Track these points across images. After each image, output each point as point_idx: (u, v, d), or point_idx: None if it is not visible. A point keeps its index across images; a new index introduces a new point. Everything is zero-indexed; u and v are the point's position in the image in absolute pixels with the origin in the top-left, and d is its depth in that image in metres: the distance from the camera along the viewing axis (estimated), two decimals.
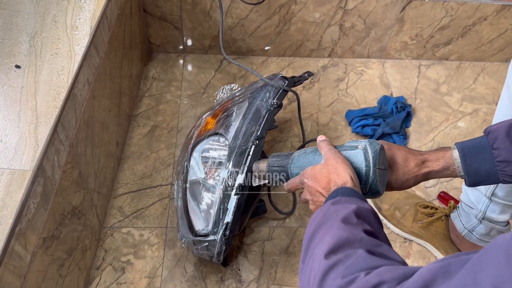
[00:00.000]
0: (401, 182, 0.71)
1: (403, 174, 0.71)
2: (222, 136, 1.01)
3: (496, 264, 0.32)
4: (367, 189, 0.65)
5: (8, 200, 0.63)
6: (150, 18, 1.46)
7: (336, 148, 0.69)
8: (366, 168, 0.64)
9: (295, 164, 0.74)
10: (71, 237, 0.88)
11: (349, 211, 0.54)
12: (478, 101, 1.54)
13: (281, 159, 0.79)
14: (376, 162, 0.65)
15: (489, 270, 0.32)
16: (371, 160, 0.64)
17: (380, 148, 0.66)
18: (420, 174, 0.71)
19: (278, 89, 1.02)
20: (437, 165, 0.70)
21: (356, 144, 0.68)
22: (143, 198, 1.18)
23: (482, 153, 0.66)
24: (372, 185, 0.64)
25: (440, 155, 0.71)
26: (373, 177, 0.64)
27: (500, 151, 0.64)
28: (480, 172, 0.67)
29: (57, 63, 0.84)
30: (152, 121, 1.36)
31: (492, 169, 0.66)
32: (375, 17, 1.50)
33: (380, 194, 0.66)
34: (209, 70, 1.54)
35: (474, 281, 0.32)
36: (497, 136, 0.65)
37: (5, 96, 0.77)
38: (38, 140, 0.71)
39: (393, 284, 0.41)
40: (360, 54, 1.63)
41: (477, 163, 0.67)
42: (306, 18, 1.49)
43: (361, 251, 0.47)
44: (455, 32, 1.57)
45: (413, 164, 0.71)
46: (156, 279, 1.03)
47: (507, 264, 0.31)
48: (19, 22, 0.90)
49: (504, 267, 0.31)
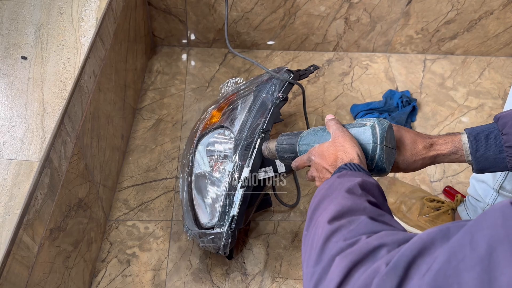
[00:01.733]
0: (408, 163, 0.71)
1: (410, 156, 0.71)
2: (227, 129, 1.01)
3: (493, 225, 0.33)
4: (373, 165, 0.65)
5: (16, 190, 0.63)
6: (154, 11, 1.46)
7: (344, 126, 0.69)
8: (373, 144, 0.64)
9: (303, 141, 0.75)
10: (77, 229, 0.88)
11: (354, 183, 0.55)
12: (483, 96, 1.53)
13: (290, 137, 0.79)
14: (384, 139, 0.65)
15: (486, 231, 0.33)
16: (378, 136, 0.64)
17: (388, 126, 0.66)
18: (427, 156, 0.71)
19: (284, 82, 1.02)
20: (445, 149, 0.70)
21: (364, 122, 0.68)
22: (148, 191, 1.17)
23: (491, 138, 0.66)
24: (378, 161, 0.64)
25: (449, 139, 0.70)
26: (380, 154, 0.64)
27: (509, 136, 0.64)
28: (488, 157, 0.67)
29: (63, 55, 0.83)
30: (156, 115, 1.36)
31: (500, 155, 0.66)
32: (381, 10, 1.49)
33: (386, 171, 0.66)
34: (214, 63, 1.53)
35: (471, 241, 0.34)
36: (507, 122, 0.65)
37: (12, 87, 0.77)
38: (45, 131, 0.71)
39: (394, 246, 0.42)
40: (365, 48, 1.62)
41: (485, 148, 0.67)
42: (311, 12, 1.48)
43: (363, 217, 0.49)
44: (461, 26, 1.56)
45: (421, 146, 0.71)
46: (161, 271, 1.03)
47: (503, 225, 0.32)
48: (25, 13, 0.90)
49: (500, 227, 0.32)
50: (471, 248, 0.33)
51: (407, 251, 0.39)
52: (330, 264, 0.45)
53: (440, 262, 0.35)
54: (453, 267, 0.34)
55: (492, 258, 0.32)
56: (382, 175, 0.67)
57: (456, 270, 0.33)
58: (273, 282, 1.04)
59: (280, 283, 1.04)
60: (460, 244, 0.35)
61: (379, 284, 0.38)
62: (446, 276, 0.34)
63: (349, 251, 0.45)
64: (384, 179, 1.21)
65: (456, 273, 0.33)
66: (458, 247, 0.34)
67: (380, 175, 0.67)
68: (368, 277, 0.40)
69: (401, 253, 0.39)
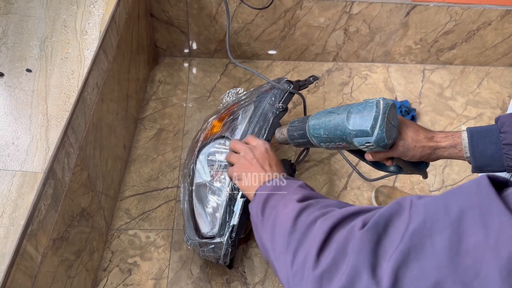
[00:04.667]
0: (408, 148, 0.73)
1: (411, 141, 0.73)
2: (228, 139, 1.02)
3: (467, 193, 0.37)
4: (373, 133, 0.67)
5: (20, 201, 0.64)
6: (156, 23, 1.48)
7: (352, 104, 0.73)
8: (376, 113, 0.67)
9: (312, 125, 0.78)
10: (79, 239, 0.90)
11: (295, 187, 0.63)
12: (482, 106, 1.54)
13: (299, 120, 0.84)
14: (386, 111, 0.67)
15: (460, 197, 0.37)
16: (381, 108, 0.68)
17: (392, 103, 0.69)
18: (427, 146, 0.73)
19: (284, 92, 1.03)
20: (445, 141, 0.72)
21: (370, 99, 0.71)
22: (150, 200, 1.19)
23: (490, 136, 0.68)
24: (379, 130, 0.67)
25: (450, 134, 0.73)
26: (381, 123, 0.67)
27: (507, 134, 0.66)
28: (485, 154, 0.69)
29: (67, 67, 0.85)
30: (158, 124, 1.37)
31: (497, 153, 0.67)
32: (380, 21, 1.51)
33: (385, 142, 0.68)
34: (215, 74, 1.55)
35: (445, 206, 0.37)
36: (505, 122, 0.67)
37: (17, 99, 0.78)
38: (49, 143, 0.72)
39: (373, 213, 0.45)
40: (365, 58, 1.64)
41: (483, 145, 0.69)
42: (311, 23, 1.50)
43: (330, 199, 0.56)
44: (460, 37, 1.57)
45: (423, 136, 0.73)
46: (162, 280, 1.04)
47: (476, 193, 0.36)
48: (30, 26, 0.92)
49: (474, 195, 0.36)
50: (445, 211, 0.37)
51: (386, 211, 0.42)
52: (309, 229, 0.50)
53: (416, 223, 0.38)
54: (428, 228, 0.37)
55: (462, 222, 0.35)
56: (381, 146, 0.68)
57: (430, 230, 0.37)
58: None
59: None
60: (436, 207, 0.38)
61: (360, 238, 0.42)
62: (422, 236, 0.37)
63: (328, 215, 0.50)
64: (384, 188, 1.22)
65: (430, 233, 0.37)
66: (434, 210, 0.38)
67: (380, 147, 0.69)
68: (349, 233, 0.44)
69: (380, 213, 0.42)
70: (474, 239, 0.34)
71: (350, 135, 0.69)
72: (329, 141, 0.74)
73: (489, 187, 0.36)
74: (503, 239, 0.33)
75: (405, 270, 0.37)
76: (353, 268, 0.41)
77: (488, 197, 0.35)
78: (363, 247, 0.41)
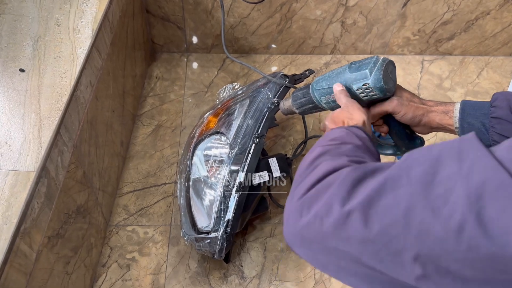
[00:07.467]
0: (403, 104, 0.75)
1: (406, 100, 0.75)
2: (223, 134, 1.02)
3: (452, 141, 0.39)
4: (371, 74, 0.71)
5: (13, 200, 0.65)
6: (153, 19, 1.48)
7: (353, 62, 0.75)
8: (375, 59, 0.72)
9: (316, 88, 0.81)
10: (76, 236, 0.91)
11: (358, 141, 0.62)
12: (482, 96, 1.53)
13: (302, 88, 0.86)
14: (385, 62, 0.72)
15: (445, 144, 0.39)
16: (381, 58, 0.73)
17: (390, 60, 0.74)
18: (421, 107, 0.75)
19: (280, 87, 1.03)
20: (438, 108, 0.74)
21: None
22: (148, 196, 1.20)
23: (481, 109, 0.70)
24: (377, 71, 0.71)
25: (443, 103, 0.75)
26: (379, 67, 0.71)
27: (497, 109, 0.67)
28: (473, 126, 0.70)
29: (60, 66, 0.86)
30: (156, 121, 1.38)
31: (485, 126, 0.68)
32: (377, 13, 1.50)
33: (382, 85, 0.71)
34: (212, 69, 1.55)
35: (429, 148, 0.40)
36: (498, 97, 0.68)
37: (10, 99, 0.79)
38: (42, 142, 0.73)
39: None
40: (363, 50, 1.63)
41: (473, 116, 0.70)
42: (307, 16, 1.50)
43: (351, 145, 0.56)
44: (458, 27, 1.56)
45: (417, 99, 0.76)
46: (161, 275, 1.05)
47: (459, 141, 0.38)
48: (23, 26, 0.93)
49: (456, 142, 0.38)
50: (428, 150, 0.40)
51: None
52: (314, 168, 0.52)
53: (402, 160, 0.41)
54: (407, 165, 0.40)
55: (440, 157, 0.38)
56: (378, 88, 0.71)
57: (409, 165, 0.40)
58: (270, 284, 1.05)
59: (277, 286, 1.05)
60: (420, 150, 0.41)
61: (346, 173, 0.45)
62: (400, 169, 0.40)
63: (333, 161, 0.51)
64: None
65: (408, 167, 0.40)
66: (418, 152, 0.41)
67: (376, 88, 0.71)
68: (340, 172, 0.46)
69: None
70: (448, 171, 0.36)
71: (349, 80, 0.74)
72: (330, 92, 0.77)
73: (473, 136, 0.38)
74: (475, 169, 0.35)
75: (378, 199, 0.39)
76: (330, 197, 0.43)
77: (469, 140, 0.37)
78: (346, 181, 0.43)
